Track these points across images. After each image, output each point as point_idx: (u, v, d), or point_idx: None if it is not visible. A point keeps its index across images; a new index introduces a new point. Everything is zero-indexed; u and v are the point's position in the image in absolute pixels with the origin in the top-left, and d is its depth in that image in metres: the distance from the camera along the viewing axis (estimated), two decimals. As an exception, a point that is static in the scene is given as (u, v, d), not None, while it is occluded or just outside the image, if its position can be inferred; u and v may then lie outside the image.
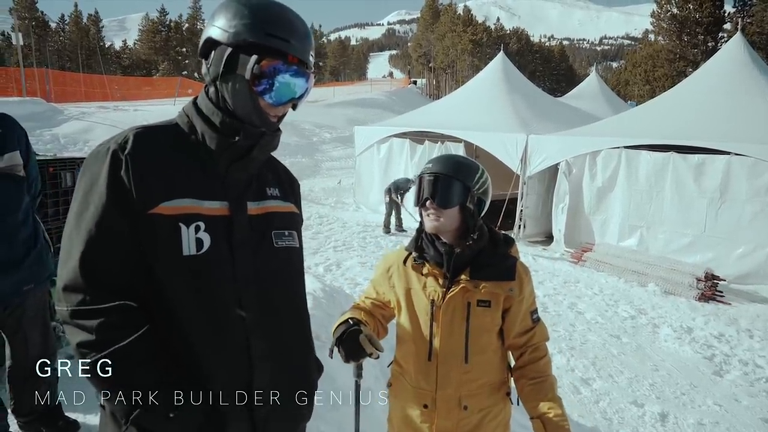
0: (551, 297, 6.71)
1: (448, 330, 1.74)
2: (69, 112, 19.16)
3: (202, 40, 1.23)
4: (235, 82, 1.20)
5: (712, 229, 7.43)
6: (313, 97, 37.60)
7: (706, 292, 6.73)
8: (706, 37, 38.91)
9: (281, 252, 1.31)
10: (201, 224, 1.16)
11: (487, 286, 1.73)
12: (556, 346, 5.17)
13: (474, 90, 12.66)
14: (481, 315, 1.74)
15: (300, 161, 19.73)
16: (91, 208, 1.13)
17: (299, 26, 1.22)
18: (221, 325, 1.18)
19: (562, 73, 79.45)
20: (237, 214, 1.23)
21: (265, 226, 1.29)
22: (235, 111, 1.22)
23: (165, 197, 1.14)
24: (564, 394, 4.33)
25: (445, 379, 1.75)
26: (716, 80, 8.84)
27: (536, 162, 9.32)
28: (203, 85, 1.29)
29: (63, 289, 1.12)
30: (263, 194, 1.32)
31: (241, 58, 1.18)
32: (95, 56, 59.38)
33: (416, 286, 1.80)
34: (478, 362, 1.76)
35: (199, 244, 1.15)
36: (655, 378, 4.67)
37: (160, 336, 1.15)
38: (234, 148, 1.23)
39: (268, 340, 1.24)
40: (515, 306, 1.77)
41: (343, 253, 8.55)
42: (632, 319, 6.05)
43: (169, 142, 1.21)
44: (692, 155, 7.58)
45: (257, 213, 1.28)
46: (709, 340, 5.49)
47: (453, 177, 1.74)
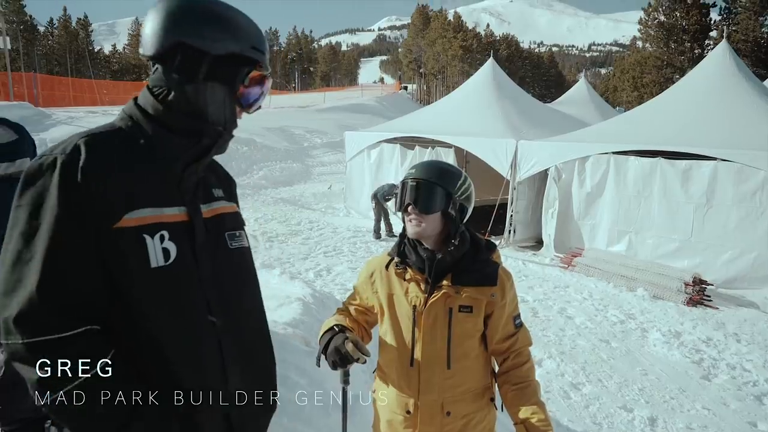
0: (541, 302, 6.73)
1: (430, 335, 1.74)
2: (57, 116, 19.02)
3: (167, 42, 1.16)
4: (215, 89, 1.21)
5: (699, 234, 7.50)
6: (304, 103, 37.69)
7: (694, 296, 6.78)
8: (692, 44, 39.47)
9: (236, 253, 1.31)
10: (165, 233, 1.12)
11: (468, 292, 1.73)
12: (546, 351, 5.19)
13: (464, 96, 12.71)
14: (462, 320, 1.74)
15: (291, 166, 19.68)
16: (44, 226, 1.03)
17: (264, 37, 1.30)
18: (196, 333, 1.16)
19: (552, 79, 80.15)
20: (196, 219, 1.21)
21: (218, 229, 1.28)
22: (205, 115, 1.21)
23: (128, 208, 1.09)
24: (554, 399, 4.34)
25: (427, 385, 1.75)
26: (703, 87, 8.94)
27: (526, 167, 9.36)
28: (147, 85, 1.24)
29: (15, 320, 0.99)
30: (210, 196, 1.31)
31: (223, 66, 1.20)
32: (84, 60, 59.03)
33: (398, 291, 1.80)
34: (460, 368, 1.76)
35: (166, 254, 1.12)
36: (644, 382, 4.69)
37: (128, 354, 1.10)
38: (195, 149, 1.22)
39: (235, 343, 1.24)
40: (497, 311, 1.77)
41: (333, 259, 8.53)
42: (621, 324, 6.08)
43: (120, 148, 1.14)
44: (679, 161, 7.65)
45: (209, 216, 1.26)
46: (698, 345, 5.52)
47: (435, 183, 1.74)
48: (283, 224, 10.86)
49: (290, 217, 11.58)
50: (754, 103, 8.21)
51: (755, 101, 8.24)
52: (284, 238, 9.67)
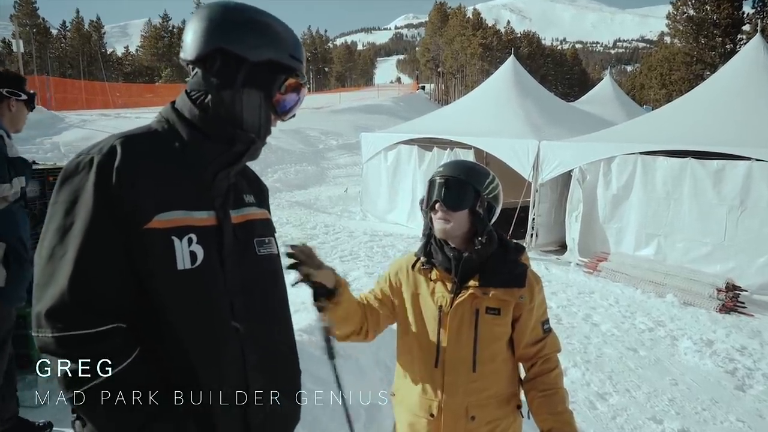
0: (565, 308, 6.68)
1: (455, 337, 1.75)
2: (70, 119, 19.36)
3: (208, 48, 1.22)
4: (251, 95, 1.26)
5: (733, 237, 7.38)
6: (318, 104, 37.90)
7: (727, 303, 6.67)
8: (724, 39, 38.88)
9: (264, 260, 1.34)
10: (193, 236, 1.16)
11: (496, 293, 1.74)
12: (571, 360, 5.15)
13: (484, 95, 12.69)
14: (490, 322, 1.75)
15: (305, 169, 19.81)
16: (78, 223, 1.09)
17: (301, 45, 1.35)
18: (219, 338, 1.19)
19: (575, 77, 79.53)
20: (225, 224, 1.24)
21: (247, 235, 1.31)
22: (240, 121, 1.26)
23: (158, 210, 1.13)
24: (579, 409, 4.30)
25: (451, 387, 1.75)
26: (735, 83, 8.81)
27: (548, 169, 9.31)
28: (185, 89, 1.28)
29: (46, 314, 1.05)
30: (241, 201, 1.34)
31: (261, 73, 1.25)
32: (97, 63, 60.11)
33: (424, 291, 1.82)
34: (486, 371, 1.76)
35: (193, 257, 1.16)
36: (675, 393, 4.63)
37: (152, 355, 1.14)
38: (227, 155, 1.26)
39: (259, 351, 1.26)
40: (525, 315, 1.78)
41: (349, 264, 8.55)
42: (650, 332, 6.00)
43: (154, 151, 1.20)
44: (711, 161, 7.54)
45: (239, 221, 1.30)
46: (731, 353, 5.43)
47: (463, 180, 1.77)
48: (298, 228, 10.93)
49: (305, 221, 11.65)
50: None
51: (791, 98, 8.09)
52: (299, 243, 9.70)
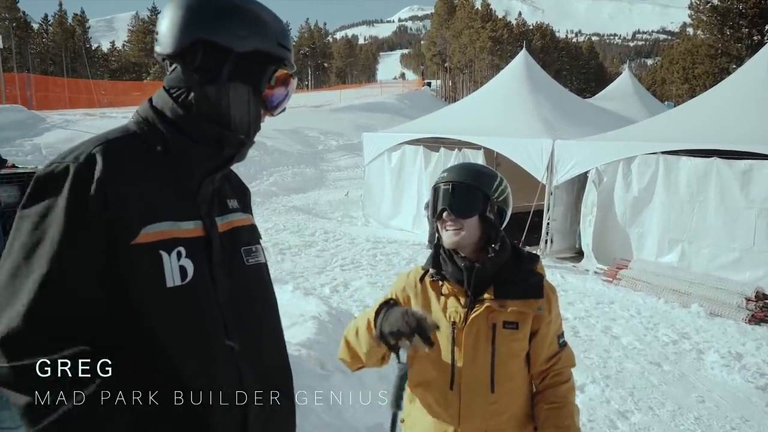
0: (582, 320, 6.67)
1: (471, 355, 1.73)
2: (52, 120, 19.46)
3: (186, 39, 1.16)
4: (238, 90, 1.21)
5: (763, 242, 7.35)
6: (317, 102, 38.02)
7: (757, 313, 6.65)
8: (751, 30, 38.86)
9: (253, 270, 1.31)
10: (182, 249, 1.11)
11: (513, 306, 1.72)
12: (590, 375, 5.13)
13: (494, 91, 12.71)
14: (508, 338, 1.73)
15: (304, 171, 19.85)
16: (46, 241, 1.02)
17: (288, 32, 1.31)
18: (212, 358, 1.16)
19: (591, 71, 79.58)
20: (213, 234, 1.20)
21: (234, 244, 1.27)
22: (228, 119, 1.21)
23: (144, 222, 1.08)
24: (598, 428, 4.29)
25: (468, 410, 1.73)
26: (763, 77, 8.79)
27: (564, 170, 9.30)
28: (163, 86, 1.23)
29: (1, 341, 0.98)
30: (225, 207, 1.30)
31: (248, 65, 1.21)
32: (81, 59, 60.48)
33: (435, 306, 1.79)
34: (505, 391, 1.74)
35: (183, 273, 1.11)
36: (701, 410, 4.61)
37: (140, 378, 1.09)
38: (215, 160, 1.22)
39: (253, 367, 1.24)
40: (543, 328, 1.77)
41: (351, 273, 8.56)
42: (674, 344, 5.98)
43: (137, 156, 1.14)
44: (738, 161, 7.53)
45: (225, 230, 1.26)
46: (762, 368, 5.41)
47: (470, 184, 1.75)
48: (295, 235, 10.95)
49: (303, 227, 11.67)
50: (823, 94, 8.05)
51: (824, 93, 8.09)
52: (297, 250, 9.74)
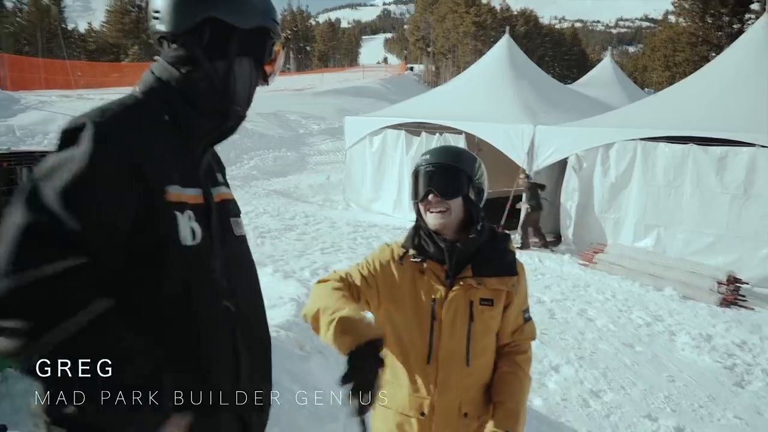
0: (559, 302, 6.77)
1: (449, 331, 1.78)
2: (27, 101, 19.06)
3: (196, 17, 1.21)
4: (243, 65, 1.28)
5: (736, 228, 7.51)
6: (299, 85, 37.66)
7: (727, 296, 6.81)
8: (731, 18, 39.19)
9: (241, 241, 1.37)
10: (190, 213, 1.18)
11: (490, 283, 1.78)
12: (564, 356, 5.23)
13: (476, 77, 12.74)
14: (484, 314, 1.78)
15: (285, 155, 19.73)
16: (71, 164, 1.02)
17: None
18: (216, 318, 1.22)
19: (574, 58, 79.63)
20: (211, 201, 1.27)
21: (225, 214, 1.33)
22: (233, 92, 1.27)
23: (166, 182, 1.13)
24: (572, 407, 4.39)
25: (445, 384, 1.77)
26: (741, 66, 8.93)
27: (544, 155, 9.39)
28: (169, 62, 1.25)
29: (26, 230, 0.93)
30: (216, 180, 1.36)
31: (253, 41, 1.28)
32: (57, 39, 59.07)
33: (415, 284, 1.83)
34: (479, 365, 1.80)
35: (193, 234, 1.17)
36: (671, 390, 4.74)
37: (150, 333, 1.10)
38: (219, 131, 1.29)
39: (245, 333, 1.29)
40: (513, 303, 1.83)
41: (331, 256, 8.57)
42: (647, 327, 6.12)
43: (149, 121, 1.19)
44: (714, 147, 7.66)
45: (218, 200, 1.32)
46: (731, 349, 5.56)
47: (454, 165, 1.78)
48: (276, 218, 10.91)
49: (284, 211, 11.64)
50: (797, 83, 8.19)
51: (798, 81, 8.22)
52: (277, 234, 9.72)
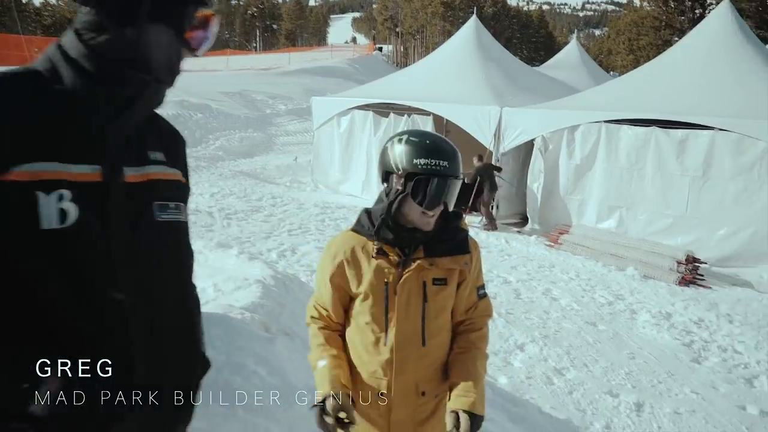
0: (525, 282, 6.88)
1: (404, 312, 1.79)
2: (-20, 77, 18.37)
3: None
4: (159, 32, 1.16)
5: (695, 209, 7.73)
6: (266, 65, 37.10)
7: (686, 275, 7.02)
8: (693, 3, 39.86)
9: (165, 227, 1.24)
10: (65, 192, 1.06)
11: (443, 262, 1.78)
12: (529, 335, 5.33)
13: (444, 58, 12.71)
14: (437, 294, 1.79)
15: (251, 136, 19.47)
16: None
17: None
18: (95, 309, 1.10)
19: (541, 40, 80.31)
20: (112, 181, 1.14)
21: (146, 197, 1.21)
22: (149, 61, 1.16)
23: (19, 159, 1.03)
24: (536, 385, 4.49)
25: (402, 364, 1.80)
26: (702, 50, 9.11)
27: (511, 137, 9.46)
28: (75, 28, 1.16)
29: None
30: (144, 158, 1.23)
31: (166, 6, 1.16)
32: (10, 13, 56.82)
33: (368, 268, 1.82)
34: (435, 344, 1.82)
35: (63, 216, 1.06)
36: (632, 366, 4.88)
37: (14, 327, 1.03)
38: (113, 99, 1.16)
39: (146, 328, 1.18)
40: (467, 280, 1.84)
41: (298, 238, 8.53)
42: (609, 305, 6.27)
43: (26, 92, 1.08)
44: (675, 130, 7.83)
45: (137, 180, 1.19)
46: (688, 326, 5.75)
47: (461, 176, 1.79)
48: (242, 200, 10.78)
49: (250, 192, 11.50)
50: (756, 68, 8.42)
51: (757, 67, 8.46)
52: (244, 215, 9.61)
